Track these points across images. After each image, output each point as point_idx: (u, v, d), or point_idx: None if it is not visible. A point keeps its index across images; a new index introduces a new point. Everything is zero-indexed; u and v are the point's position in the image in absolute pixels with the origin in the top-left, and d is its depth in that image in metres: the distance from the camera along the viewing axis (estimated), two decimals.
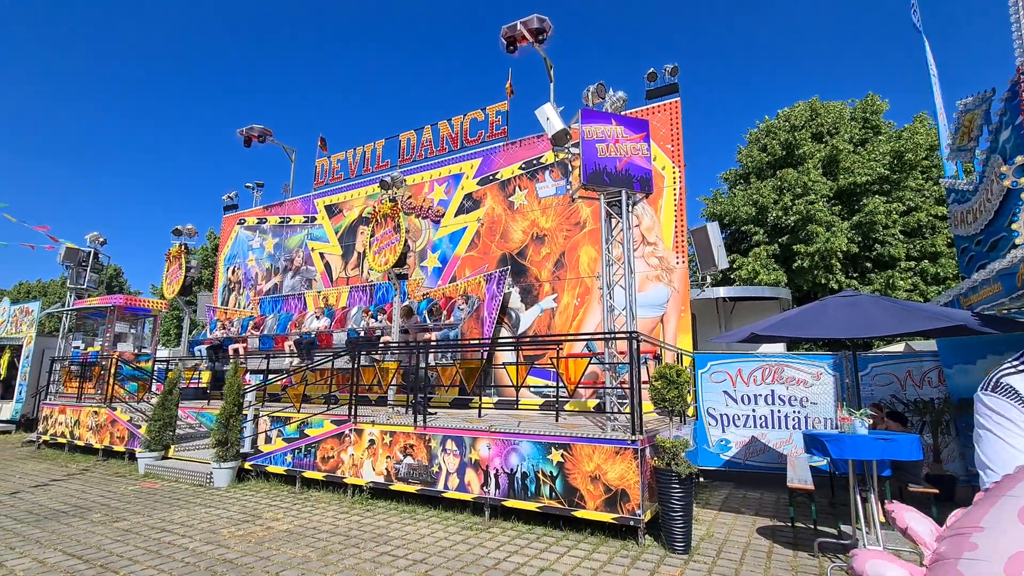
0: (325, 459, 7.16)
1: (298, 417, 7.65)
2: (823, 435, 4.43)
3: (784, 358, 7.97)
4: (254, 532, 5.27)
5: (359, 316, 10.66)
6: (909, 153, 16.89)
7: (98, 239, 13.50)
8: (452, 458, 6.13)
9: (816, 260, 16.21)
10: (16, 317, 15.92)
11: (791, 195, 17.14)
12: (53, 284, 40.99)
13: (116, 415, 9.98)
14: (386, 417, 7.03)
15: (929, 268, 16.27)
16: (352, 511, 6.10)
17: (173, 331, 32.25)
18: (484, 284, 10.05)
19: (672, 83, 9.15)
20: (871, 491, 4.40)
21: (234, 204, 15.54)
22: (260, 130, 14.12)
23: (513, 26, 9.19)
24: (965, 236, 6.90)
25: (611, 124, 6.33)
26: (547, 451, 5.55)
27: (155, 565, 4.38)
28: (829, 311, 5.24)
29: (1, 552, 4.71)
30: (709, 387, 8.16)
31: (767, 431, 7.77)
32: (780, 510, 6.26)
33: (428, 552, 4.69)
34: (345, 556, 4.58)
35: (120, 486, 7.54)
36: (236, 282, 14.91)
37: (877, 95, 18.73)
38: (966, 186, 6.83)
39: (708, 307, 11.87)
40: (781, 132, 18.76)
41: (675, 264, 8.59)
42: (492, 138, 10.99)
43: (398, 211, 8.71)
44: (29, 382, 14.31)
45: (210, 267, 27.79)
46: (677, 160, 8.88)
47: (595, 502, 5.19)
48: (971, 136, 6.66)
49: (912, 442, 4.15)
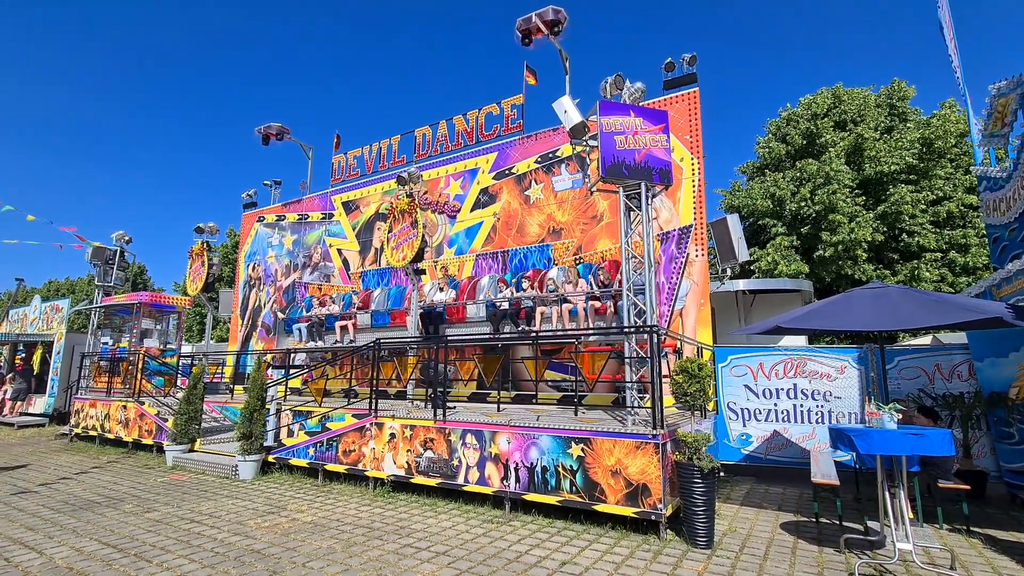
0: (347, 452, 7.27)
1: (320, 411, 7.77)
2: (850, 429, 4.34)
3: (807, 351, 7.83)
4: (280, 523, 5.37)
5: (494, 285, 9.62)
6: (939, 140, 16.39)
7: (124, 238, 13.83)
8: (472, 452, 6.16)
9: (839, 251, 15.87)
10: (47, 314, 16.43)
11: (812, 185, 16.78)
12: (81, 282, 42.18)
13: (144, 409, 10.25)
14: (406, 411, 7.10)
15: (958, 258, 15.82)
16: (374, 504, 6.19)
17: (196, 327, 32.99)
18: (659, 244, 8.52)
19: (690, 73, 9.00)
20: (900, 487, 4.31)
21: (253, 202, 15.76)
22: (278, 128, 14.28)
23: (528, 18, 9.12)
24: (998, 225, 6.68)
25: (629, 116, 6.26)
26: (567, 445, 5.55)
27: (186, 555, 4.49)
28: (856, 303, 5.13)
29: (40, 540, 4.89)
30: (729, 381, 8.07)
31: (789, 425, 7.66)
32: (803, 505, 6.17)
33: (450, 544, 4.73)
34: (369, 548, 4.65)
35: (149, 478, 7.75)
36: (256, 278, 15.15)
37: (903, 81, 18.22)
38: (999, 173, 6.61)
39: (728, 300, 11.71)
40: (802, 121, 18.36)
41: (694, 257, 8.49)
42: (508, 132, 10.95)
43: (415, 207, 8.74)
44: (60, 377, 14.77)
45: (231, 264, 28.33)
46: (696, 151, 8.74)
47: (616, 496, 5.18)
48: (1005, 121, 6.44)
49: (944, 437, 4.05)
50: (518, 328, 8.62)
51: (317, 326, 11.29)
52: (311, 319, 11.41)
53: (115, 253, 13.61)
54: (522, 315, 8.68)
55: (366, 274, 12.56)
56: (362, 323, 10.69)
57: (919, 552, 4.37)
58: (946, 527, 5.37)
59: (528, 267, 9.85)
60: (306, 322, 11.48)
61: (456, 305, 9.58)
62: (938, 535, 5.06)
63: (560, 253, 9.75)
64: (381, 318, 10.50)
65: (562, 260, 9.62)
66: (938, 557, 4.51)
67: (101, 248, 13.38)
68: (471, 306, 9.47)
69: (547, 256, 9.81)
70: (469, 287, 10.02)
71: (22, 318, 17.70)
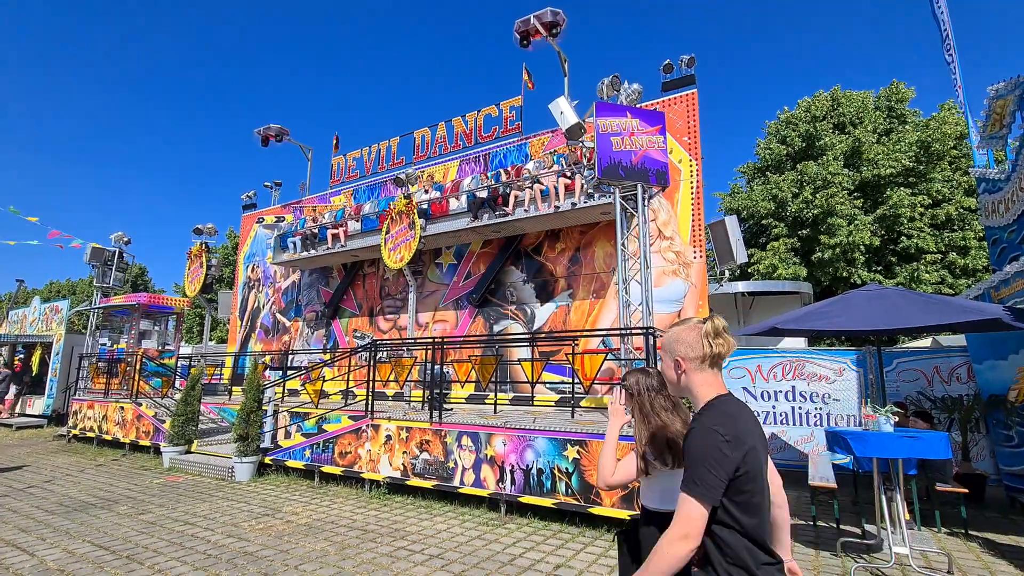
0: (343, 454, 7.24)
1: (317, 413, 7.75)
2: (847, 432, 4.32)
3: (805, 354, 7.80)
4: (274, 525, 5.35)
5: (476, 182, 10.09)
6: (936, 143, 16.37)
7: (122, 239, 13.84)
8: (468, 454, 6.14)
9: (838, 253, 15.84)
10: (47, 315, 16.42)
11: (811, 188, 16.77)
12: (82, 283, 42.23)
13: (141, 410, 10.24)
14: (402, 413, 7.07)
15: (958, 260, 15.78)
16: (369, 506, 6.16)
17: (196, 328, 33.00)
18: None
19: (689, 74, 8.99)
20: (896, 490, 4.28)
21: (253, 203, 15.76)
22: (277, 129, 14.27)
23: (526, 20, 9.12)
24: (997, 227, 6.66)
25: (626, 117, 6.25)
26: (563, 447, 5.52)
27: (178, 557, 4.47)
28: (854, 304, 5.11)
29: (32, 542, 4.87)
30: (727, 383, 8.02)
31: (788, 428, 7.63)
32: (801, 508, 6.13)
33: (444, 547, 4.71)
34: (362, 550, 4.62)
35: (145, 479, 7.73)
36: (256, 280, 15.14)
37: (902, 83, 18.21)
38: (997, 175, 6.59)
39: (727, 302, 11.68)
40: (801, 123, 18.35)
41: (692, 259, 8.46)
42: (506, 134, 10.93)
43: (412, 208, 8.73)
44: (59, 378, 14.76)
45: (231, 265, 28.34)
46: (694, 153, 8.73)
47: (612, 499, 5.15)
48: (1003, 123, 6.42)
49: (940, 440, 4.02)
50: (495, 212, 9.22)
51: (310, 238, 11.77)
52: (304, 233, 11.92)
53: (114, 254, 13.62)
54: (499, 201, 9.25)
55: (357, 191, 13.00)
56: (352, 229, 11.21)
57: (916, 556, 4.33)
58: (944, 531, 5.33)
59: (507, 164, 10.33)
60: (300, 236, 11.98)
61: (439, 201, 10.06)
62: (936, 539, 5.02)
63: (536, 149, 10.30)
64: (370, 223, 10.96)
65: (538, 155, 10.08)
66: (935, 561, 4.48)
67: (99, 249, 13.39)
68: (453, 200, 9.93)
69: (525, 153, 10.43)
70: (451, 187, 10.53)
71: (21, 319, 17.70)
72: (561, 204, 8.64)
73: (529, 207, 8.92)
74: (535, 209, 8.87)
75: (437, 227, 10.01)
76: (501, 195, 9.27)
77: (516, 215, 9.12)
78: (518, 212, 9.12)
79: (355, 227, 11.23)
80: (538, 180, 8.88)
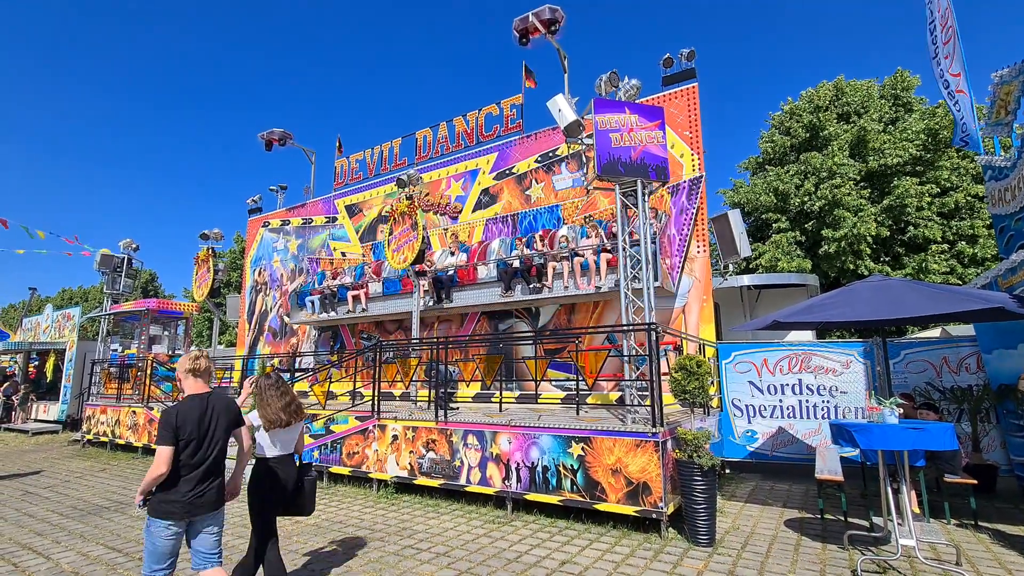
0: (350, 455, 7.30)
1: (324, 414, 7.82)
2: (850, 425, 4.30)
3: (812, 346, 7.75)
4: (283, 526, 5.40)
5: (504, 247, 9.72)
6: (944, 130, 16.16)
7: (131, 245, 14.00)
8: (474, 452, 6.17)
9: (843, 246, 15.69)
10: (59, 322, 16.67)
11: (816, 179, 16.62)
12: (94, 290, 42.80)
13: (153, 414, 10.37)
14: (408, 413, 7.12)
15: (967, 250, 15.58)
16: (377, 505, 6.21)
17: (205, 332, 33.33)
18: (669, 198, 8.52)
19: (689, 68, 8.94)
20: (903, 482, 4.26)
21: (258, 207, 15.89)
22: (280, 133, 14.37)
23: (525, 18, 9.10)
24: (1003, 214, 6.58)
25: (625, 113, 6.24)
26: (567, 444, 5.54)
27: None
28: (857, 295, 5.07)
29: (48, 546, 4.96)
30: (734, 377, 8.01)
31: (795, 421, 7.59)
32: (809, 502, 6.12)
33: (451, 545, 4.74)
34: (370, 549, 4.67)
35: None
36: (263, 283, 15.28)
37: (907, 71, 17.96)
38: (1003, 162, 6.50)
39: (732, 296, 11.62)
40: (805, 114, 18.18)
41: (696, 253, 8.44)
42: (507, 132, 10.95)
43: (415, 209, 8.77)
44: (73, 384, 14.99)
45: (238, 269, 28.60)
46: (696, 147, 8.69)
47: (617, 495, 5.16)
48: (1008, 110, 6.34)
49: (945, 431, 3.99)
50: (530, 285, 8.64)
51: (329, 297, 11.24)
52: (323, 291, 11.37)
53: (123, 261, 13.79)
54: (533, 272, 8.69)
55: (376, 245, 12.47)
56: (374, 292, 10.69)
57: (924, 547, 4.31)
58: (953, 522, 5.30)
59: (538, 228, 9.84)
60: (318, 294, 11.46)
61: (467, 267, 9.57)
62: (945, 530, 4.99)
63: (569, 212, 9.76)
64: (393, 285, 10.43)
65: (571, 219, 9.61)
66: (943, 552, 4.45)
67: (108, 256, 13.56)
68: (482, 267, 9.42)
69: (556, 216, 9.88)
70: (480, 250, 10.01)
71: (35, 327, 17.98)
72: (603, 283, 7.94)
73: (568, 282, 8.29)
74: (574, 287, 8.24)
75: (465, 297, 9.51)
76: (535, 265, 8.69)
77: (555, 291, 8.45)
78: (556, 287, 8.43)
79: (375, 288, 10.70)
80: (577, 253, 8.28)
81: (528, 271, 8.76)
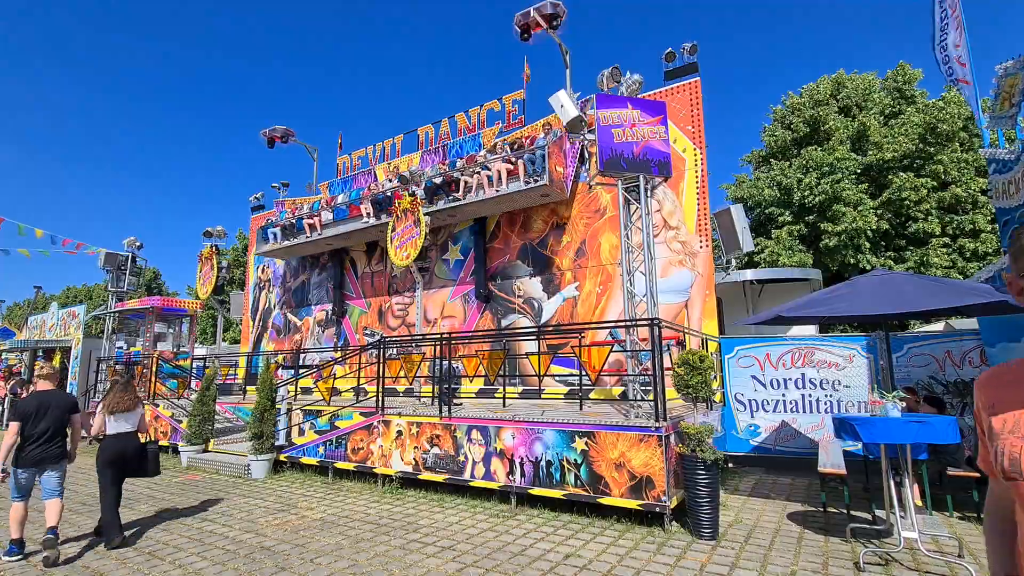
0: (355, 450, 7.36)
1: (329, 410, 7.87)
2: (853, 418, 4.31)
3: (814, 341, 7.76)
4: (290, 521, 5.47)
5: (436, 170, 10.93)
6: (944, 124, 16.06)
7: (135, 243, 14.06)
8: (478, 447, 6.21)
9: (844, 240, 15.66)
10: (64, 320, 16.78)
11: (816, 174, 16.56)
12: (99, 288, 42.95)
13: (159, 411, 10.45)
14: (412, 408, 7.16)
15: (969, 244, 15.52)
16: (382, 500, 6.27)
17: (209, 329, 33.46)
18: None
19: (691, 62, 8.91)
20: (905, 475, 4.28)
21: (261, 204, 15.90)
22: (283, 131, 14.37)
23: (526, 13, 9.08)
24: (1007, 208, 6.54)
25: (627, 108, 6.23)
26: (571, 439, 5.57)
27: (198, 552, 4.60)
28: (860, 290, 5.09)
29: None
30: (736, 372, 8.02)
31: (798, 416, 7.61)
32: (812, 495, 6.14)
33: (456, 539, 4.79)
34: (376, 543, 4.72)
35: (164, 478, 7.90)
36: (266, 280, 15.33)
37: (908, 64, 17.84)
38: (1007, 155, 6.46)
39: (735, 291, 11.62)
40: (805, 108, 18.10)
41: (698, 248, 8.44)
42: (509, 127, 10.93)
43: (417, 206, 8.78)
44: (79, 382, 15.09)
45: (241, 266, 28.67)
46: (698, 141, 8.68)
47: (620, 489, 5.19)
48: (1012, 102, 6.30)
49: (948, 424, 4.00)
50: (448, 198, 10.13)
51: (289, 228, 12.61)
52: (284, 224, 12.73)
53: (127, 259, 13.85)
54: (452, 188, 10.09)
55: (332, 183, 13.68)
56: (326, 220, 12.03)
57: (926, 540, 4.33)
58: (956, 515, 5.32)
59: (464, 154, 11.10)
60: (280, 227, 12.82)
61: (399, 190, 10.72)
62: (947, 523, 5.01)
63: (488, 138, 11.00)
64: (341, 212, 11.85)
65: (489, 144, 10.72)
66: (946, 545, 4.47)
67: (113, 254, 13.62)
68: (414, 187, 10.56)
69: (478, 143, 11.17)
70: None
71: (40, 325, 18.09)
72: (503, 188, 9.34)
73: (477, 192, 9.68)
74: (482, 194, 9.63)
75: None
76: (454, 182, 10.06)
77: (466, 199, 9.85)
78: (468, 197, 9.85)
79: (327, 217, 12.06)
80: (486, 167, 9.59)
81: (448, 187, 10.18)
